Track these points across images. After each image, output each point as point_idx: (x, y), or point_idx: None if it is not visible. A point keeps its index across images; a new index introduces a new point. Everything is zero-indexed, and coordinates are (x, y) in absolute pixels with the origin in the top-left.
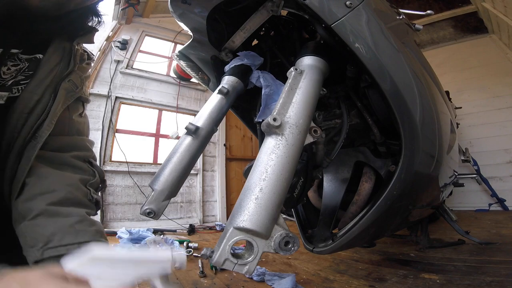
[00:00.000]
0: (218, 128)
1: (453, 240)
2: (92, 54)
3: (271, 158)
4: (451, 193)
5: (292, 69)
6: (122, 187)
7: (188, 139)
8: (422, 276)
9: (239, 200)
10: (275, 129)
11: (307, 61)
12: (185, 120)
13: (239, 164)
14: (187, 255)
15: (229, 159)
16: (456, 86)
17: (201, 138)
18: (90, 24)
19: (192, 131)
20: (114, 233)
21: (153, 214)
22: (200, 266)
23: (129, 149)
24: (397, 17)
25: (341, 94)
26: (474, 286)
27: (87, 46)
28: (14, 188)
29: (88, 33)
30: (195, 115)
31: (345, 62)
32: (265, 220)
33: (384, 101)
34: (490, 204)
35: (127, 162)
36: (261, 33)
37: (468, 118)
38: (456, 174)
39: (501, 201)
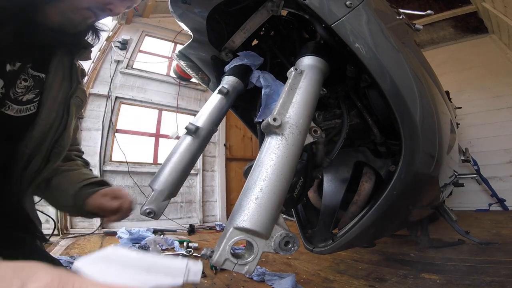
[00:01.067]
0: (218, 128)
1: (453, 240)
2: (87, 72)
3: (271, 158)
4: (451, 193)
5: (292, 69)
6: (122, 187)
7: (188, 139)
8: (422, 276)
9: (239, 200)
10: (275, 129)
11: (307, 61)
12: (185, 120)
13: (239, 164)
14: (187, 255)
15: (229, 159)
16: (456, 86)
17: (201, 138)
18: (88, 39)
19: (192, 131)
20: (114, 233)
21: (153, 214)
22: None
23: (129, 149)
24: (397, 17)
25: (341, 94)
26: (474, 286)
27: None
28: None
29: (86, 51)
30: (195, 115)
31: (345, 62)
32: (265, 220)
33: (384, 101)
34: (490, 204)
35: (127, 162)
36: (261, 33)
37: (468, 118)
38: (456, 174)
39: (501, 201)
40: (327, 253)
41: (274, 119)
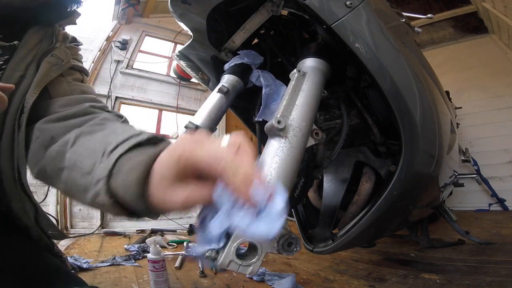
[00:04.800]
0: (217, 127)
1: (453, 240)
2: (79, 40)
3: (275, 160)
4: (451, 193)
5: (295, 71)
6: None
7: None
8: (422, 276)
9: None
10: (279, 132)
11: (309, 63)
12: (185, 120)
13: None
14: (186, 255)
15: None
16: (456, 86)
17: None
18: (70, 9)
19: (191, 130)
20: (114, 233)
21: None
22: (200, 266)
23: None
24: (400, 19)
25: (341, 94)
26: (474, 286)
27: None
28: (20, 162)
29: (70, 16)
30: (195, 115)
31: (345, 63)
32: None
33: (384, 101)
34: (490, 204)
35: None
36: (261, 32)
37: (468, 118)
38: (456, 174)
39: (501, 201)
40: (327, 253)
41: (279, 122)
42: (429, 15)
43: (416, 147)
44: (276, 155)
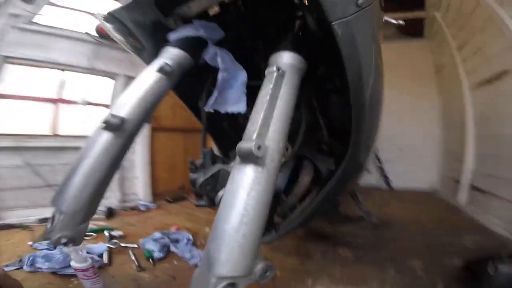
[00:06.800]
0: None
1: (355, 216)
2: None
3: (252, 196)
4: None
5: (274, 69)
6: (8, 168)
7: (108, 137)
8: (339, 253)
9: (216, 245)
10: (257, 159)
11: (287, 60)
12: (100, 84)
13: (168, 136)
14: (113, 248)
15: (155, 129)
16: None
17: (127, 133)
18: None
19: (114, 126)
20: (7, 226)
21: (72, 242)
22: (134, 258)
23: (17, 118)
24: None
25: (305, 95)
26: (375, 261)
27: None
28: None
29: None
30: (113, 78)
31: (317, 59)
32: (249, 263)
33: (346, 110)
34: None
35: (13, 135)
36: (227, 1)
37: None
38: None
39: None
40: (270, 243)
41: (259, 148)
42: (400, 22)
43: (357, 155)
44: (253, 189)
